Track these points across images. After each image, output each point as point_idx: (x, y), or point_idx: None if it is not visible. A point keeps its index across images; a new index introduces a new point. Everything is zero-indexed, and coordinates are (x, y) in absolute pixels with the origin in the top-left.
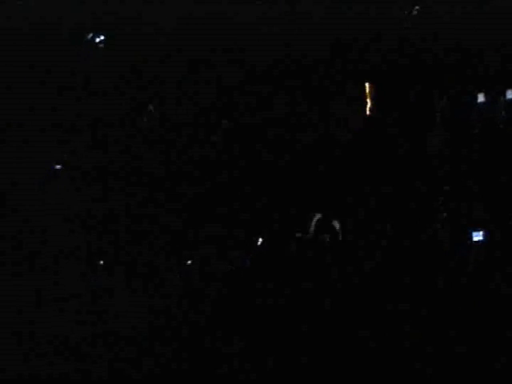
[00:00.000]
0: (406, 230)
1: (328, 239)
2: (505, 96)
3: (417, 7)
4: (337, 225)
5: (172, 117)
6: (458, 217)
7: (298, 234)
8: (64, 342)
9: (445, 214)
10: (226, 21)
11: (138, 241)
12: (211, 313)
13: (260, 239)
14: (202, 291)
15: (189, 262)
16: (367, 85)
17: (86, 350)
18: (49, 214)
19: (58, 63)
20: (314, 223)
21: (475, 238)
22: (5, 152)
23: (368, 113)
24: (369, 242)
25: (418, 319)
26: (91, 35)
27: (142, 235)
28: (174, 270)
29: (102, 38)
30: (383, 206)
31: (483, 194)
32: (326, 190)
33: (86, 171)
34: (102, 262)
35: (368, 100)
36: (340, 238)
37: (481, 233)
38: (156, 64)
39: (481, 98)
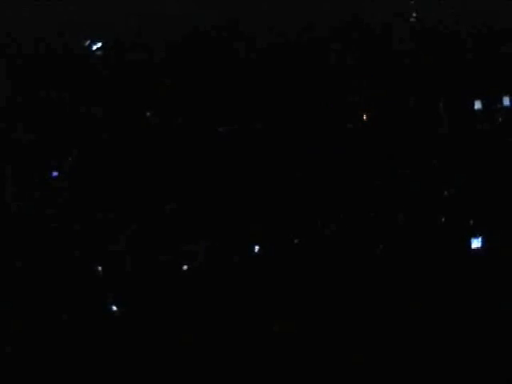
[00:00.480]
0: (404, 235)
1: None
2: (501, 102)
3: (414, 14)
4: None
5: (170, 123)
6: (456, 223)
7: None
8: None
9: (443, 219)
10: (226, 26)
11: (136, 245)
12: (208, 316)
13: (257, 247)
14: (198, 296)
15: (185, 267)
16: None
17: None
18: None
19: (55, 70)
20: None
21: (474, 245)
22: (3, 157)
23: (365, 118)
24: (366, 247)
25: (417, 326)
26: (88, 42)
27: (138, 239)
28: (170, 275)
29: (100, 44)
30: (381, 211)
31: (482, 200)
32: (322, 195)
33: (84, 177)
34: (100, 268)
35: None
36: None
37: (479, 239)
38: (153, 70)
39: (477, 104)
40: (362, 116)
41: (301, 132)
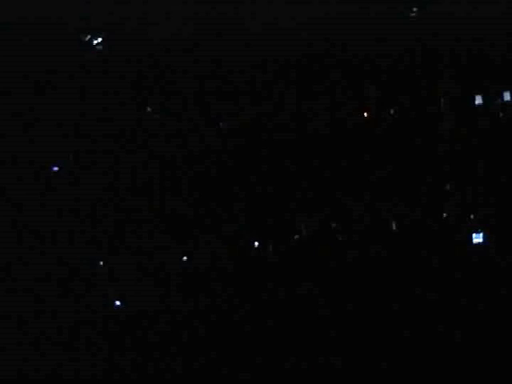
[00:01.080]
0: (406, 231)
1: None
2: (502, 98)
3: (415, 9)
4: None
5: (172, 119)
6: (457, 218)
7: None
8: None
9: (445, 215)
10: (229, 22)
11: (135, 242)
12: (208, 313)
13: (256, 243)
14: (199, 291)
15: (184, 258)
16: (366, 87)
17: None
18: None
19: (56, 65)
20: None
21: (475, 240)
22: (3, 155)
23: (365, 115)
24: (368, 243)
25: (417, 322)
26: (89, 37)
27: (138, 237)
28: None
29: (100, 39)
30: (382, 207)
31: (483, 195)
32: (324, 190)
33: (84, 174)
34: (101, 263)
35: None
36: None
37: (481, 235)
38: (155, 66)
39: (478, 99)
40: (363, 114)
41: (300, 131)
